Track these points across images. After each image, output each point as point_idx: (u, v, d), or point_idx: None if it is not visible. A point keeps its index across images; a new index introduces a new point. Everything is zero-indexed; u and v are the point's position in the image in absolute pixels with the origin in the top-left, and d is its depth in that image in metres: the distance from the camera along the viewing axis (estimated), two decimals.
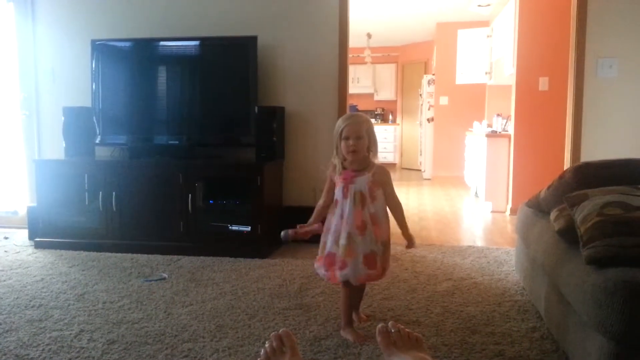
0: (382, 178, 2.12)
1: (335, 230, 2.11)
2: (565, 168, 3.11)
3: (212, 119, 3.71)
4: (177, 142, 3.70)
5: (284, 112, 3.71)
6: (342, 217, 2.09)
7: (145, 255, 3.39)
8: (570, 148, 3.53)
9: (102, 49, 3.78)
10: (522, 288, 2.71)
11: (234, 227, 3.44)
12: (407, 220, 2.19)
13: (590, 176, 1.99)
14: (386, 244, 2.14)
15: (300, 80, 3.79)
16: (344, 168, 2.12)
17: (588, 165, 2.09)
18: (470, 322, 2.27)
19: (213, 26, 3.80)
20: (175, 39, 3.76)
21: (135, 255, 3.42)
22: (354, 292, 2.18)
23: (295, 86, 3.80)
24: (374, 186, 2.10)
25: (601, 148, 3.39)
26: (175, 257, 3.35)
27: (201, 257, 3.33)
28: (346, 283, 2.11)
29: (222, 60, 3.70)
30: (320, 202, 2.23)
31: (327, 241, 2.13)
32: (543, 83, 4.93)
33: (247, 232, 3.40)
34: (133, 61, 3.82)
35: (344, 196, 2.09)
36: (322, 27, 3.74)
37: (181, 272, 3.06)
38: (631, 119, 3.39)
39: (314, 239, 2.22)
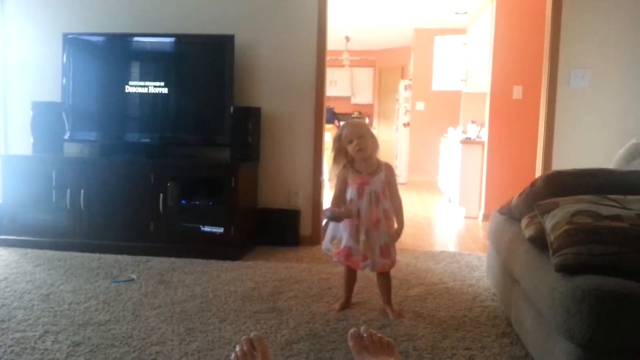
0: (390, 177, 2.39)
1: (352, 227, 2.33)
2: (536, 176, 3.16)
3: (187, 117, 3.65)
4: (149, 140, 3.63)
5: (260, 112, 3.68)
6: (358, 215, 2.32)
7: (114, 256, 3.32)
8: (542, 156, 3.59)
9: (74, 43, 3.69)
10: (492, 294, 2.74)
11: (207, 228, 3.39)
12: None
13: (561, 184, 2.02)
14: (393, 234, 2.41)
15: (277, 81, 3.76)
16: (357, 171, 2.35)
17: (559, 174, 2.12)
18: (441, 326, 2.29)
19: (190, 23, 3.75)
20: (150, 35, 3.69)
21: (103, 255, 3.33)
22: (352, 275, 2.47)
23: (272, 87, 3.77)
24: (386, 185, 2.36)
25: (572, 157, 3.46)
26: (144, 258, 3.28)
27: (172, 259, 3.27)
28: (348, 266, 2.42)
29: (198, 58, 3.65)
30: (336, 192, 2.40)
31: (343, 237, 2.36)
32: (517, 91, 5.01)
33: (220, 233, 3.36)
34: (106, 56, 3.73)
35: (360, 196, 2.33)
36: (300, 28, 3.72)
37: (150, 273, 2.99)
38: (602, 129, 3.46)
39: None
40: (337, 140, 2.37)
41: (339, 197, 2.38)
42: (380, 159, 2.42)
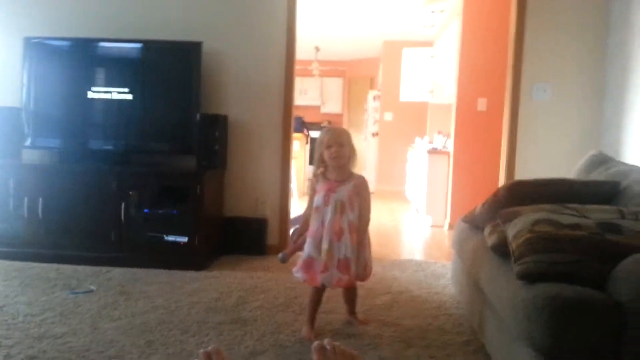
0: (361, 190, 2.28)
1: (316, 236, 2.24)
2: (499, 185, 3.22)
3: (152, 124, 3.58)
4: (112, 147, 3.54)
5: (227, 120, 3.64)
6: (322, 223, 2.24)
7: (73, 266, 3.21)
8: (505, 166, 3.66)
9: (36, 47, 3.58)
10: (457, 301, 2.76)
11: (170, 238, 3.31)
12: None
13: (522, 194, 2.05)
14: (368, 252, 2.35)
15: (244, 88, 3.73)
16: (326, 178, 2.28)
17: (521, 183, 2.16)
18: (406, 335, 2.29)
19: (157, 29, 3.68)
20: (116, 40, 3.61)
21: (61, 265, 3.22)
22: (320, 293, 2.31)
23: (239, 95, 3.74)
24: (355, 196, 2.26)
25: (534, 167, 3.54)
26: (105, 269, 3.18)
27: (133, 269, 3.18)
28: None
29: (164, 64, 3.58)
30: (307, 211, 2.35)
31: (306, 246, 2.27)
32: (482, 104, 5.11)
33: (184, 243, 3.29)
34: (70, 61, 3.63)
35: (325, 204, 2.24)
36: (269, 36, 3.71)
37: (111, 284, 2.90)
38: (563, 140, 3.56)
39: None
40: (318, 144, 2.30)
41: (307, 218, 2.33)
42: (355, 171, 2.34)
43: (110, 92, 3.53)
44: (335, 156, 2.23)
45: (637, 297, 1.30)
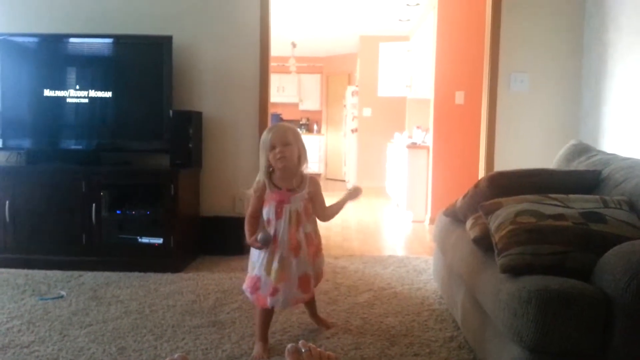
0: (314, 189, 2.08)
1: (266, 252, 1.98)
2: (480, 177, 3.18)
3: (123, 122, 3.45)
4: (81, 146, 3.41)
5: (202, 117, 3.54)
6: (275, 239, 1.98)
7: (43, 271, 3.08)
8: (484, 158, 3.64)
9: (3, 44, 3.43)
10: (440, 296, 2.72)
11: (144, 240, 3.21)
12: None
13: (504, 185, 2.01)
14: (319, 262, 2.12)
15: (219, 84, 3.63)
16: (276, 186, 2.00)
17: (502, 174, 2.12)
18: (389, 333, 2.23)
19: (127, 24, 3.56)
20: (85, 36, 3.48)
21: (30, 271, 3.09)
22: (270, 312, 2.07)
23: (213, 90, 3.64)
24: (309, 203, 2.05)
25: (513, 158, 3.52)
26: (76, 273, 3.06)
27: (106, 273, 3.07)
28: None
29: (135, 60, 3.47)
30: (249, 213, 2.05)
31: (256, 263, 2.01)
32: (459, 97, 5.09)
33: (159, 244, 3.18)
34: (38, 58, 3.49)
35: (278, 216, 1.98)
36: (242, 30, 3.62)
37: (82, 289, 2.79)
38: (541, 130, 3.55)
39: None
40: (262, 146, 2.00)
41: (254, 216, 2.02)
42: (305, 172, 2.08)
43: (79, 89, 3.41)
44: (280, 157, 1.94)
45: (623, 288, 1.26)
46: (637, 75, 2.83)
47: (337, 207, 2.14)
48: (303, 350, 1.03)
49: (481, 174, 3.65)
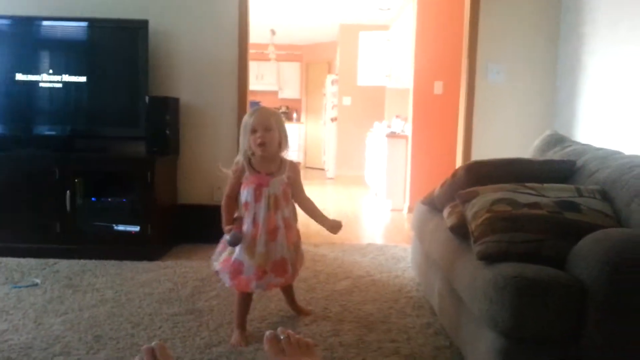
0: (295, 178, 2.06)
1: (249, 237, 1.96)
2: (457, 167, 3.22)
3: (97, 108, 3.38)
4: (54, 132, 3.33)
5: (179, 103, 3.49)
6: (254, 222, 1.96)
7: (16, 259, 3.02)
8: (462, 148, 3.68)
9: None
10: (417, 284, 2.75)
11: (121, 227, 3.16)
12: (309, 219, 2.15)
13: (481, 174, 2.04)
14: (297, 246, 2.11)
15: (196, 70, 3.58)
16: (254, 170, 1.98)
17: (479, 163, 2.14)
18: (367, 320, 2.25)
19: (102, 7, 3.47)
20: (59, 19, 3.38)
21: (3, 259, 3.03)
22: (250, 297, 2.08)
23: (191, 76, 3.58)
24: (288, 187, 2.03)
25: (490, 148, 3.57)
26: (51, 261, 3.01)
27: (81, 261, 3.02)
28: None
29: (110, 44, 3.39)
30: (226, 193, 2.03)
31: (237, 247, 1.97)
32: (438, 87, 5.13)
33: (136, 232, 3.14)
34: (10, 41, 3.38)
35: (256, 200, 1.96)
36: (220, 15, 3.56)
37: (57, 277, 2.74)
38: (518, 121, 3.60)
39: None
40: (243, 128, 1.98)
41: (231, 197, 2.02)
42: (285, 158, 2.07)
43: (52, 74, 3.32)
44: (260, 142, 1.92)
45: (597, 275, 1.29)
46: (611, 68, 2.88)
47: (317, 216, 2.12)
48: (282, 337, 1.04)
49: (459, 163, 3.69)
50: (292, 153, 9.91)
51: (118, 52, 3.37)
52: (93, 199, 3.21)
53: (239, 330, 2.02)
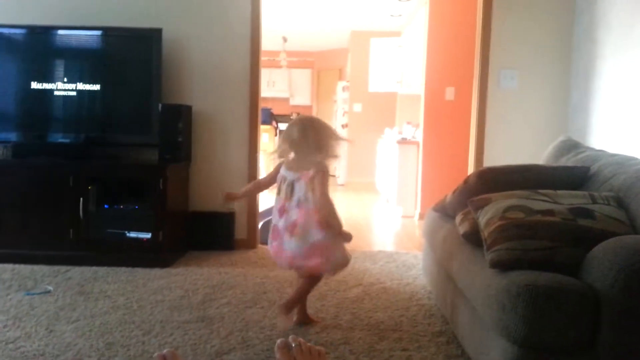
0: (317, 175, 2.12)
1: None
2: (469, 173, 3.19)
3: (111, 116, 3.42)
4: (68, 140, 3.37)
5: (191, 111, 3.51)
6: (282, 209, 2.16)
7: (29, 266, 3.05)
8: (474, 154, 3.65)
9: None
10: (429, 291, 2.73)
11: (133, 234, 3.18)
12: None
13: (493, 180, 2.02)
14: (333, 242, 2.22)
15: (209, 78, 3.60)
16: (289, 168, 2.20)
17: (491, 170, 2.12)
18: (378, 328, 2.23)
19: (116, 16, 3.51)
20: (73, 28, 3.43)
21: (17, 266, 3.05)
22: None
23: (203, 84, 3.61)
24: (312, 184, 2.13)
25: (503, 154, 3.54)
26: (63, 268, 3.02)
27: (94, 268, 3.04)
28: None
29: (123, 53, 3.43)
30: (261, 178, 2.37)
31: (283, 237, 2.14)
32: (450, 93, 5.11)
33: (148, 239, 3.16)
34: (25, 50, 3.44)
35: (286, 196, 2.16)
36: (233, 23, 3.59)
37: (69, 284, 2.76)
38: (531, 127, 3.56)
39: None
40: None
41: (261, 183, 2.40)
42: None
43: (67, 82, 3.37)
44: (282, 154, 2.22)
45: (612, 283, 1.27)
46: (625, 73, 2.85)
47: (333, 219, 2.17)
48: (293, 345, 1.03)
49: (471, 169, 3.66)
50: None
51: (132, 61, 3.40)
52: (106, 206, 3.24)
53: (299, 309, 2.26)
